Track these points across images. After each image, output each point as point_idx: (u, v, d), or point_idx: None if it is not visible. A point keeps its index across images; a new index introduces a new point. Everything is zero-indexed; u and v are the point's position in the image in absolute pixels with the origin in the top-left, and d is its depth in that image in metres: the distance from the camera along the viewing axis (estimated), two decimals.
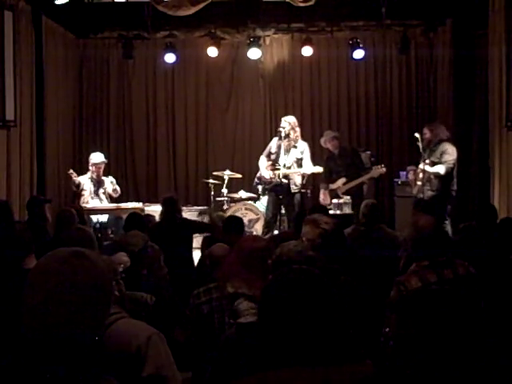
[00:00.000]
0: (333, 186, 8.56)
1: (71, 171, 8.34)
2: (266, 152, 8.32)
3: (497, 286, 3.08)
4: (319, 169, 8.15)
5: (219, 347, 2.55)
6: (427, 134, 7.77)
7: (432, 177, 7.62)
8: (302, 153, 8.07)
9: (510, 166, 7.56)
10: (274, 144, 8.23)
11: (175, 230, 5.91)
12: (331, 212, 8.10)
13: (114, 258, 3.40)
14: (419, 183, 7.76)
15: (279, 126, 8.18)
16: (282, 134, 7.97)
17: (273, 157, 8.16)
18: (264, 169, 8.20)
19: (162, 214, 6.26)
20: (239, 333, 2.50)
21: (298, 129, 8.11)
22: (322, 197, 8.58)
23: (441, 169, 7.49)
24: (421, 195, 7.66)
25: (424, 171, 7.54)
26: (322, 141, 8.77)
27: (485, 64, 8.31)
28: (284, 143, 8.02)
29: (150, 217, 6.99)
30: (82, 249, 1.59)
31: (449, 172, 7.56)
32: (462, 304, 2.77)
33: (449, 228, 7.29)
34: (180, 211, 6.37)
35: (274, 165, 8.13)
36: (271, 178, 8.12)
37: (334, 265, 3.45)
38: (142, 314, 3.31)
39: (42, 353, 1.44)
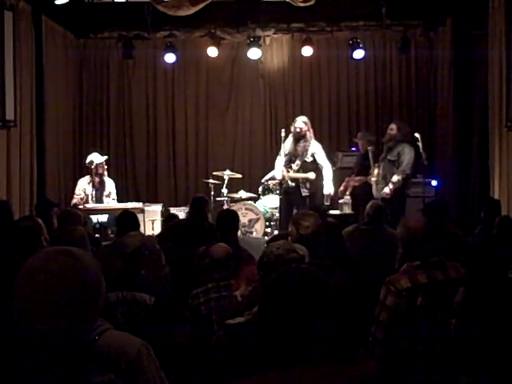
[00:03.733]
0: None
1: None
2: (282, 151, 8.12)
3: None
4: (313, 175, 8.04)
5: (210, 349, 2.55)
6: (394, 130, 7.76)
7: (382, 175, 7.66)
8: (312, 155, 7.99)
9: (509, 166, 7.56)
10: (288, 144, 8.10)
11: (202, 233, 5.76)
12: (331, 212, 8.10)
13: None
14: (374, 179, 7.76)
15: (293, 126, 8.05)
16: (298, 137, 7.91)
17: (286, 158, 8.05)
18: (279, 169, 8.10)
19: (190, 213, 6.12)
20: (228, 334, 2.50)
21: (311, 129, 8.10)
22: (341, 188, 8.55)
23: (395, 178, 7.53)
24: (377, 194, 7.66)
25: (378, 173, 7.61)
26: (359, 138, 8.75)
27: (484, 64, 8.31)
28: (300, 145, 7.94)
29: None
30: (70, 247, 1.59)
31: (405, 177, 7.59)
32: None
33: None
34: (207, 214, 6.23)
35: (286, 166, 8.04)
36: (281, 181, 8.08)
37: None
38: (141, 315, 3.31)
39: (33, 351, 1.44)
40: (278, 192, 8.51)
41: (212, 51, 9.71)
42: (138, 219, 5.53)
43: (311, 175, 7.99)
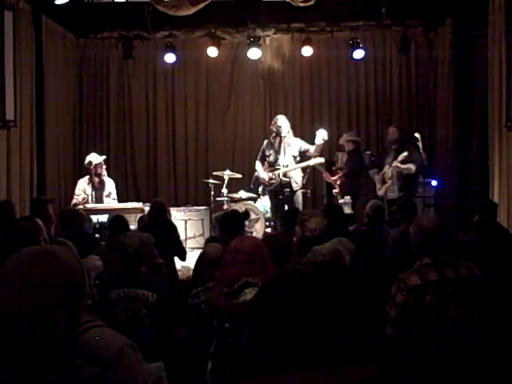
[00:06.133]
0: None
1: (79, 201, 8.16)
2: (260, 156, 8.33)
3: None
4: (321, 160, 8.15)
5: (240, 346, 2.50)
6: (396, 133, 7.85)
7: (397, 176, 7.73)
8: (298, 149, 8.08)
9: (509, 166, 7.56)
10: (266, 146, 8.23)
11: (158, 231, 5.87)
12: None
13: (87, 262, 3.38)
14: (389, 181, 7.83)
15: (273, 126, 8.13)
16: (283, 134, 8.00)
17: (270, 158, 8.13)
18: (262, 171, 8.21)
19: (149, 214, 6.34)
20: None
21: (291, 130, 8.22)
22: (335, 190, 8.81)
23: (412, 167, 7.59)
24: (391, 194, 7.73)
25: (397, 167, 7.63)
26: (342, 139, 8.90)
27: (485, 64, 8.31)
28: (283, 142, 8.05)
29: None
30: (52, 247, 1.57)
31: (417, 171, 7.69)
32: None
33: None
34: (165, 213, 6.40)
35: (273, 166, 8.12)
36: (271, 179, 8.12)
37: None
38: (143, 312, 3.33)
39: (17, 350, 1.44)
40: (266, 193, 8.58)
41: (212, 51, 9.71)
42: (128, 223, 5.61)
43: (318, 160, 8.09)
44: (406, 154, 7.57)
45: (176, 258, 6.26)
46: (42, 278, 1.47)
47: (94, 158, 8.30)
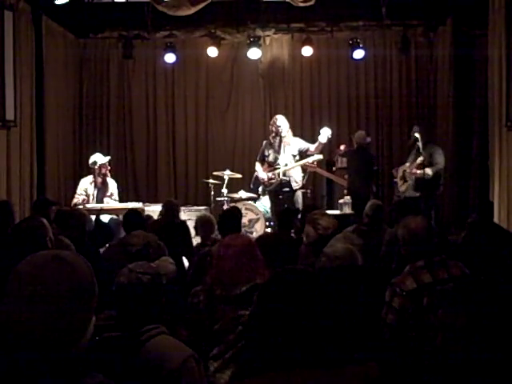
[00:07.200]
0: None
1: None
2: (259, 157, 8.35)
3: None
4: (319, 156, 8.17)
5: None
6: (417, 132, 7.96)
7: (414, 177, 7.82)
8: (298, 149, 8.10)
9: (509, 166, 7.55)
10: (266, 146, 8.26)
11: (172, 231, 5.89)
12: (331, 212, 8.12)
13: (160, 266, 3.37)
14: (410, 181, 7.90)
15: (273, 126, 8.15)
16: (283, 134, 8.02)
17: (269, 158, 8.16)
18: (262, 172, 8.24)
19: (162, 213, 6.32)
20: None
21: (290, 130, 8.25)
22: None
23: (429, 172, 7.72)
24: (410, 192, 7.83)
25: (412, 173, 7.72)
26: (356, 137, 8.99)
27: (484, 64, 8.31)
28: (283, 141, 8.06)
29: (150, 217, 6.98)
30: (62, 252, 1.56)
31: (437, 174, 7.80)
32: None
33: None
34: (179, 214, 6.41)
35: (273, 165, 8.14)
36: (270, 179, 8.13)
37: None
38: None
39: (22, 356, 1.43)
40: (266, 193, 8.59)
41: (212, 51, 9.72)
42: (143, 220, 5.59)
43: (317, 157, 8.10)
44: (421, 158, 7.67)
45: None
46: (53, 282, 1.47)
47: (99, 159, 8.29)
